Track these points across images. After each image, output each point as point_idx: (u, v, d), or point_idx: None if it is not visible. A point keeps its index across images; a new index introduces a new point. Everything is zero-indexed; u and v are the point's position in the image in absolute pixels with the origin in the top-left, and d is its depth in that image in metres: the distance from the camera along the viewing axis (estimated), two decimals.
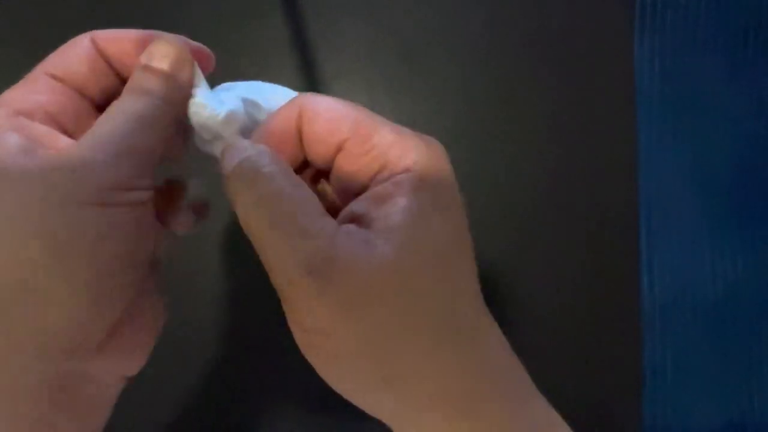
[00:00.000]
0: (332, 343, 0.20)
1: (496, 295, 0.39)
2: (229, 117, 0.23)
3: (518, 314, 0.39)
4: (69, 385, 0.20)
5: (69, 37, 0.23)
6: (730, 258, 1.00)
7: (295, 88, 0.40)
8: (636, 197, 0.40)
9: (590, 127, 0.40)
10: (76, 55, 0.22)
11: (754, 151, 1.02)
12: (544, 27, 0.41)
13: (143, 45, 0.22)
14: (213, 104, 0.23)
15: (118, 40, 0.22)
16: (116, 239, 0.20)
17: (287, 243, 0.19)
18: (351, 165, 0.22)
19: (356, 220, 0.21)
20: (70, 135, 0.21)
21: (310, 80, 0.40)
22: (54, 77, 0.22)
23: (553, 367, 0.39)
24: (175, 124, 0.22)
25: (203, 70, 0.24)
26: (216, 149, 0.23)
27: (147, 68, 0.22)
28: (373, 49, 0.41)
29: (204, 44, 0.24)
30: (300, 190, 0.20)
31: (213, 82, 0.31)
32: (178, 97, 0.22)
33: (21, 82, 0.22)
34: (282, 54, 0.40)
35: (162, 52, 0.22)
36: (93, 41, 0.22)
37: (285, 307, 0.21)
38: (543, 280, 0.39)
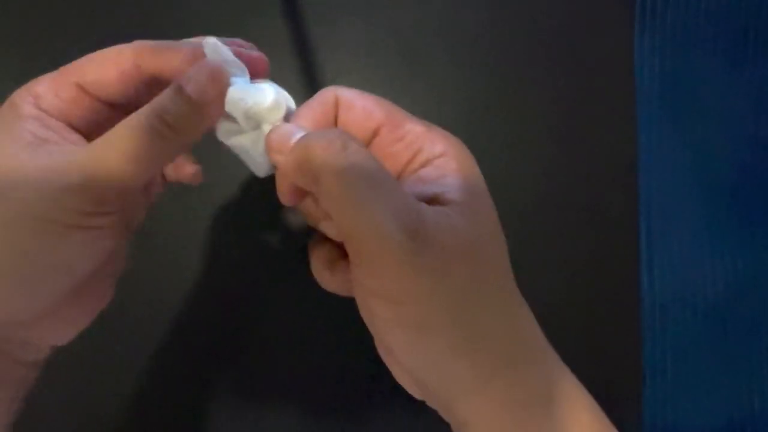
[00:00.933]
0: (415, 309, 0.20)
1: None
2: (277, 104, 0.23)
3: None
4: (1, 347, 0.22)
5: (68, 36, 0.23)
6: (730, 258, 1.00)
7: (295, 88, 0.40)
8: (636, 197, 0.40)
9: (590, 127, 0.40)
10: (111, 71, 0.22)
11: (754, 151, 1.02)
12: (544, 27, 0.41)
13: (192, 61, 0.22)
14: (255, 93, 0.23)
15: (165, 57, 0.22)
16: (58, 253, 0.20)
17: (388, 205, 0.20)
18: (386, 150, 0.23)
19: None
20: (87, 137, 0.22)
21: (310, 80, 0.40)
22: (82, 89, 0.22)
23: None
24: (181, 151, 0.23)
25: (258, 75, 0.24)
26: (246, 140, 0.23)
27: (179, 90, 0.21)
28: (373, 49, 0.41)
29: None
30: (382, 164, 0.21)
31: None
32: (194, 128, 0.22)
33: (50, 77, 0.22)
34: (282, 54, 0.40)
35: (196, 77, 0.21)
36: (136, 56, 0.22)
37: (365, 277, 0.21)
38: (542, 279, 0.39)
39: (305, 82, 0.40)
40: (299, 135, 0.21)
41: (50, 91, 0.22)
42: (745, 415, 0.99)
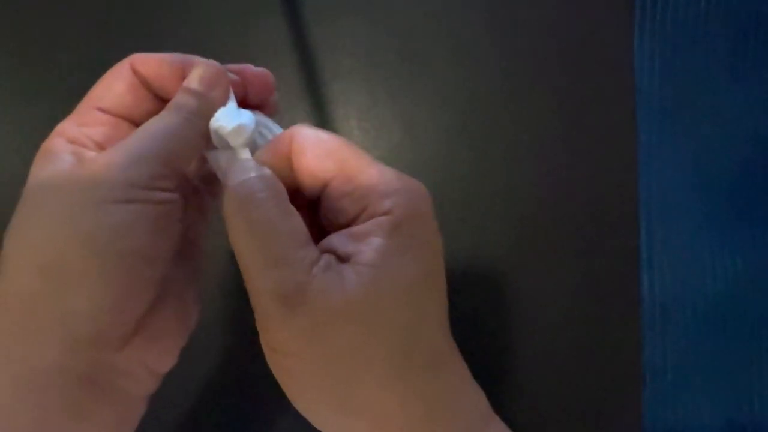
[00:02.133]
0: (296, 364, 0.21)
1: (496, 295, 0.39)
2: (238, 129, 0.24)
3: (518, 315, 0.39)
4: (99, 376, 0.21)
5: (70, 39, 0.23)
6: (730, 258, 1.00)
7: (295, 88, 0.40)
8: (636, 197, 0.40)
9: (590, 127, 0.40)
10: (119, 87, 0.24)
11: (755, 151, 1.02)
12: (544, 27, 0.41)
13: (180, 69, 0.25)
14: (231, 117, 0.24)
15: (156, 65, 0.25)
16: (134, 234, 0.21)
17: (263, 270, 0.21)
18: (335, 202, 0.23)
19: (334, 252, 0.22)
20: None
21: (310, 80, 0.40)
22: (101, 110, 0.24)
23: (553, 367, 0.39)
24: (205, 138, 0.24)
25: (266, 93, 0.27)
26: (222, 159, 0.25)
27: (184, 89, 0.24)
28: (373, 49, 0.41)
29: (204, 44, 0.24)
30: (288, 219, 0.22)
31: None
32: (207, 111, 0.24)
33: (72, 115, 0.24)
34: (282, 54, 0.40)
35: (198, 74, 0.24)
36: (133, 70, 0.25)
37: (257, 325, 0.22)
38: (543, 280, 0.39)
39: (305, 82, 0.40)
40: (241, 178, 0.22)
41: (73, 124, 0.24)
42: (745, 415, 0.99)
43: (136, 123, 0.25)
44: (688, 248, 0.99)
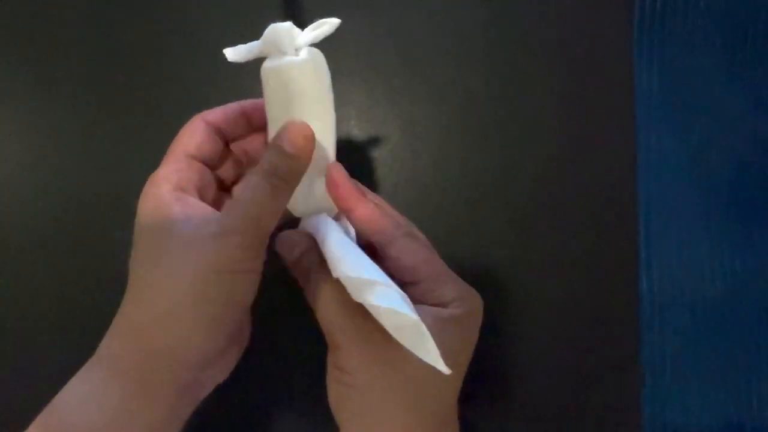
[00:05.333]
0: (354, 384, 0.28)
1: (495, 296, 0.39)
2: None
3: (517, 315, 0.39)
4: (188, 388, 0.27)
5: (70, 35, 0.22)
6: (729, 258, 1.00)
7: None
8: (636, 197, 0.40)
9: (590, 127, 0.40)
10: (199, 135, 0.30)
11: (753, 151, 1.02)
12: (543, 26, 0.41)
13: (241, 115, 0.31)
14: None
15: (222, 114, 0.31)
16: (236, 293, 0.27)
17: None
18: (417, 297, 0.28)
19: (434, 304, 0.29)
20: (203, 198, 0.29)
21: None
22: (190, 156, 0.29)
23: (552, 367, 0.39)
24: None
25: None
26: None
27: (279, 150, 0.28)
28: (373, 49, 0.41)
29: (204, 44, 0.24)
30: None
31: (213, 80, 0.30)
32: (298, 177, 0.29)
33: (168, 161, 0.29)
34: None
35: (291, 138, 0.28)
36: (205, 122, 0.30)
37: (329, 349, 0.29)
38: (542, 280, 0.39)
39: None
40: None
41: (172, 171, 0.29)
42: (744, 414, 0.99)
43: (212, 167, 0.31)
44: (686, 248, 0.99)
